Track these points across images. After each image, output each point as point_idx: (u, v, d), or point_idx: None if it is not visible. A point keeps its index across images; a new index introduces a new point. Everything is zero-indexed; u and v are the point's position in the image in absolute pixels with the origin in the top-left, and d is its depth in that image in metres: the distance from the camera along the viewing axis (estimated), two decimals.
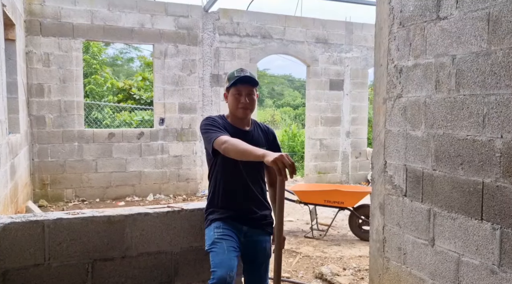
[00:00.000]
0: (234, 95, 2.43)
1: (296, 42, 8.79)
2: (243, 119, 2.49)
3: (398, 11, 2.99)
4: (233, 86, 2.43)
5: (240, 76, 2.43)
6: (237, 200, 2.43)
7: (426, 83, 2.76)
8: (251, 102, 2.45)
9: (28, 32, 6.88)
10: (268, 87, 31.97)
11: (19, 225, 2.25)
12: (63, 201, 7.25)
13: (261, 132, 2.58)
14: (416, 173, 2.85)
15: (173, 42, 7.78)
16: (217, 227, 2.36)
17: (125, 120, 14.04)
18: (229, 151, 2.18)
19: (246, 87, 2.43)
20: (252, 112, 2.51)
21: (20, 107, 5.89)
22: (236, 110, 2.45)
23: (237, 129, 2.46)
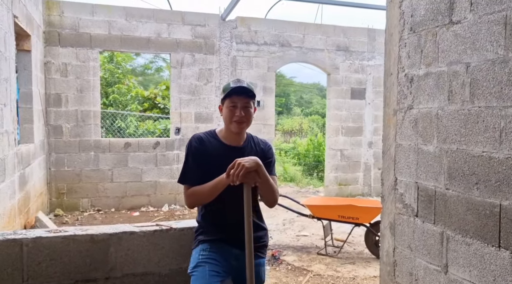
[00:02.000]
0: (229, 108, 2.21)
1: (315, 50, 8.58)
2: (238, 134, 2.29)
3: (409, 16, 2.76)
4: (227, 98, 2.21)
5: (236, 86, 2.22)
6: (228, 221, 2.25)
7: (438, 93, 2.52)
8: (247, 115, 2.23)
9: (47, 42, 6.97)
10: (296, 95, 31.69)
11: None
12: (79, 211, 7.27)
13: (256, 149, 2.38)
14: (428, 192, 2.60)
15: (190, 51, 7.73)
16: (204, 249, 2.19)
17: (148, 128, 14.14)
18: (196, 204, 2.22)
19: (242, 99, 2.21)
20: (248, 126, 2.30)
21: (35, 117, 5.93)
22: (230, 124, 2.23)
23: (228, 147, 2.27)
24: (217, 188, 2.14)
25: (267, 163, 2.37)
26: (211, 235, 2.25)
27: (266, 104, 8.32)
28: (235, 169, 2.02)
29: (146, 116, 15.03)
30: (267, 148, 2.42)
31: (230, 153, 2.22)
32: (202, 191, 2.17)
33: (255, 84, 8.18)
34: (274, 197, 2.30)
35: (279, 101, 27.67)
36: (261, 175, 2.13)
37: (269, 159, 2.38)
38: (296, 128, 22.36)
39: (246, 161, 2.05)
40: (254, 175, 2.07)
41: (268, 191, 2.23)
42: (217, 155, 2.22)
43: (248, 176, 2.04)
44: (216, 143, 2.27)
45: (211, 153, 2.23)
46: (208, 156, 2.22)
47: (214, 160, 2.21)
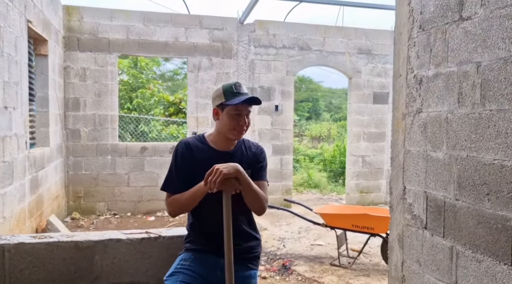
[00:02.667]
0: (232, 115, 2.07)
1: (336, 53, 8.38)
2: (234, 140, 2.18)
3: (418, 13, 2.57)
4: (232, 106, 2.06)
5: (241, 93, 2.08)
6: (215, 231, 2.12)
7: (448, 95, 2.32)
8: (248, 123, 2.12)
9: (66, 47, 7.08)
10: (326, 100, 31.30)
11: None
12: (95, 214, 7.31)
13: (247, 152, 2.25)
14: (437, 202, 2.39)
15: (207, 55, 7.69)
16: (185, 259, 2.08)
17: (172, 133, 14.24)
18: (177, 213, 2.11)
19: (247, 107, 2.09)
20: (245, 133, 2.20)
21: (51, 120, 6.00)
22: (231, 131, 2.10)
23: (216, 152, 2.15)
24: (196, 195, 2.02)
25: (258, 167, 2.23)
26: (197, 245, 2.13)
27: (284, 109, 8.17)
28: (212, 176, 1.89)
29: (169, 120, 15.16)
30: (259, 151, 2.28)
31: (218, 159, 2.10)
32: (182, 199, 2.06)
33: (273, 88, 8.06)
34: (260, 205, 2.15)
35: (307, 106, 27.40)
36: (242, 182, 1.99)
37: (260, 163, 2.24)
38: (325, 134, 22.01)
39: (224, 167, 1.91)
40: (234, 182, 1.93)
41: (251, 199, 2.09)
42: (205, 161, 2.10)
43: (226, 183, 1.91)
44: (204, 148, 2.16)
45: (198, 159, 2.12)
46: (195, 162, 2.11)
47: (201, 166, 2.09)
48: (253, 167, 2.20)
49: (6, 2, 3.89)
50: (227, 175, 1.90)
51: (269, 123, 8.08)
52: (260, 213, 2.20)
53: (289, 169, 8.28)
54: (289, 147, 8.28)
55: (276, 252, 5.36)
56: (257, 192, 2.10)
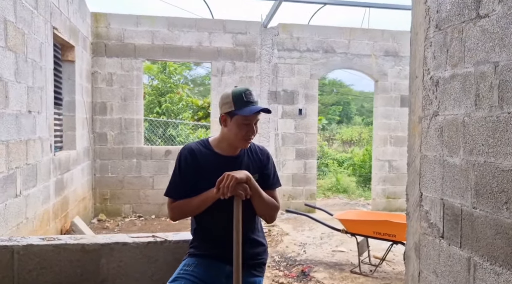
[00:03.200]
0: (241, 125, 2.04)
1: (362, 55, 8.22)
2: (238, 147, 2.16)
3: (434, 12, 2.46)
4: (241, 114, 2.03)
5: (251, 101, 2.05)
6: (220, 237, 2.09)
7: (465, 98, 2.20)
8: (256, 132, 2.12)
9: (94, 53, 7.27)
10: (357, 104, 30.88)
11: None
12: (121, 216, 7.45)
13: (253, 156, 2.21)
14: (454, 210, 2.27)
15: (231, 59, 7.71)
16: (189, 264, 2.05)
17: (199, 136, 14.36)
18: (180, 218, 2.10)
19: (256, 115, 2.07)
20: None
21: (78, 124, 6.16)
22: (239, 141, 2.08)
23: (221, 157, 2.12)
24: (206, 202, 2.02)
25: (266, 174, 2.19)
26: (202, 250, 2.11)
27: (308, 113, 8.07)
28: (224, 181, 1.90)
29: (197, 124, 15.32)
30: (265, 156, 2.24)
31: (223, 164, 2.08)
32: (189, 205, 2.05)
33: (297, 92, 7.98)
34: (270, 213, 2.12)
35: (337, 110, 27.08)
36: (252, 188, 1.98)
37: (267, 169, 2.21)
38: (356, 138, 21.66)
39: (235, 172, 1.94)
40: (246, 187, 1.95)
41: (260, 206, 2.06)
42: (209, 166, 2.08)
43: (239, 187, 1.92)
44: (209, 154, 2.13)
45: (202, 164, 2.10)
46: (199, 167, 2.09)
47: (205, 172, 2.08)
48: (261, 173, 2.16)
49: (30, 10, 4.02)
50: (240, 180, 1.91)
51: (292, 127, 8.01)
52: (269, 221, 2.17)
53: (313, 174, 8.16)
54: (313, 151, 8.17)
55: (296, 257, 5.28)
56: (266, 200, 2.07)
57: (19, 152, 3.72)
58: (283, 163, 8.00)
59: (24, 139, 3.83)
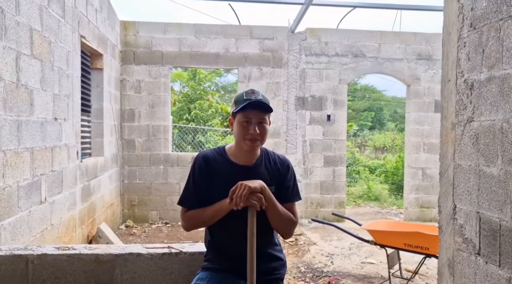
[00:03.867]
0: (241, 123, 1.95)
1: (393, 59, 7.96)
2: (250, 152, 2.03)
3: (469, 10, 2.28)
4: (240, 112, 1.94)
5: (251, 99, 1.94)
6: (235, 250, 1.98)
7: (503, 102, 2.01)
8: (261, 133, 1.95)
9: (123, 61, 7.38)
10: (390, 109, 30.22)
11: (3, 259, 2.13)
12: (148, 223, 7.47)
13: (271, 166, 2.09)
14: (492, 225, 2.07)
15: (257, 65, 7.64)
16: (202, 278, 1.96)
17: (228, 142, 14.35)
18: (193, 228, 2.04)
19: (257, 114, 1.94)
20: (262, 144, 2.02)
21: (106, 131, 6.23)
22: (242, 141, 1.97)
23: (236, 167, 2.02)
24: (219, 213, 1.92)
25: (285, 186, 2.06)
26: (215, 264, 2.01)
27: (337, 118, 7.87)
28: (238, 190, 1.80)
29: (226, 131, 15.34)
30: (285, 166, 2.10)
31: (238, 173, 1.97)
32: (202, 215, 1.96)
33: (325, 97, 7.81)
34: (285, 227, 2.00)
35: (369, 116, 26.57)
36: (267, 199, 1.87)
37: (287, 182, 2.08)
38: (389, 144, 21.14)
39: (249, 181, 1.83)
40: (260, 197, 1.83)
41: (275, 219, 1.95)
42: (223, 175, 1.99)
43: (252, 197, 1.81)
44: (224, 162, 2.03)
45: (217, 173, 2.00)
46: (214, 176, 2.00)
47: (219, 181, 1.98)
48: (279, 184, 2.04)
49: (57, 19, 4.08)
50: (253, 190, 1.81)
51: (320, 133, 7.83)
52: (286, 236, 2.06)
53: (342, 181, 7.94)
54: (342, 158, 7.95)
55: (323, 268, 5.10)
56: (282, 213, 1.95)
57: (44, 159, 3.75)
58: (311, 171, 7.83)
59: (49, 146, 3.86)
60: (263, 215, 1.94)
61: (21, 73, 3.27)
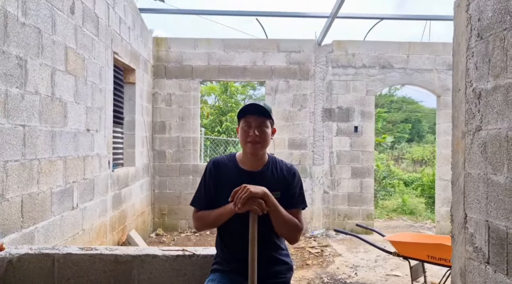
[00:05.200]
0: (243, 128, 2.12)
1: (422, 70, 7.88)
2: (254, 155, 2.14)
3: (476, 20, 2.32)
4: (242, 118, 2.14)
5: (249, 105, 2.14)
6: (242, 252, 2.08)
7: (508, 110, 2.03)
8: (261, 135, 2.09)
9: (155, 75, 7.70)
10: (430, 121, 29.46)
11: (32, 257, 2.31)
12: (177, 231, 7.67)
13: (277, 173, 2.19)
14: (500, 234, 2.07)
15: (284, 77, 7.76)
16: (212, 279, 2.06)
17: None
18: (202, 229, 2.19)
19: (257, 119, 2.10)
20: (264, 147, 2.14)
21: (138, 142, 6.51)
22: (244, 145, 2.12)
23: (244, 172, 2.14)
24: (223, 216, 2.03)
25: (290, 193, 2.15)
26: (223, 266, 2.11)
27: (364, 130, 7.84)
28: (240, 192, 1.90)
29: None
30: (291, 174, 2.19)
31: (244, 178, 2.09)
32: (208, 217, 2.09)
33: (352, 109, 7.81)
34: (290, 232, 2.08)
35: (406, 127, 26.04)
36: (270, 204, 1.96)
37: (292, 189, 2.17)
38: (428, 157, 20.61)
39: (252, 186, 1.93)
40: (261, 202, 1.92)
41: (279, 224, 2.03)
42: (231, 180, 2.11)
43: (252, 202, 1.90)
44: (233, 167, 2.16)
45: (226, 177, 2.13)
46: (221, 180, 2.13)
47: (226, 185, 2.10)
48: (284, 191, 2.13)
49: (91, 37, 4.37)
50: (253, 194, 1.90)
51: (348, 145, 7.82)
52: (292, 242, 2.13)
53: (369, 193, 7.86)
54: (369, 170, 7.89)
55: (346, 280, 5.07)
56: (286, 218, 2.03)
57: (77, 167, 4.00)
58: (338, 182, 7.81)
59: (81, 156, 4.12)
60: (268, 220, 2.04)
61: (56, 87, 3.54)
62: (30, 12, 3.12)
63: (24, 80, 3.04)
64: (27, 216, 3.09)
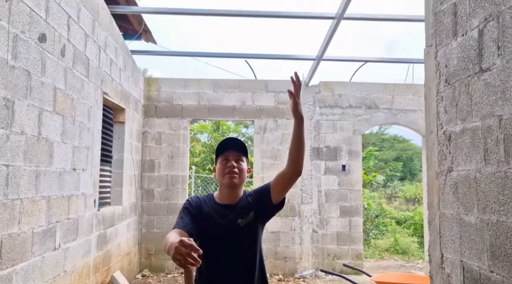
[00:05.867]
0: (221, 163, 2.24)
1: (407, 111, 8.08)
2: (231, 187, 2.22)
3: (444, 67, 2.45)
4: (219, 154, 2.27)
5: (225, 140, 2.31)
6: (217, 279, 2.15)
7: (475, 152, 2.12)
8: (239, 168, 2.21)
9: (145, 114, 7.81)
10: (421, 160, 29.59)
11: None
12: (164, 272, 7.52)
13: (248, 200, 2.27)
14: (473, 274, 2.11)
15: (273, 117, 7.91)
16: None
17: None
18: None
19: (233, 152, 2.24)
20: (241, 179, 2.23)
21: (125, 181, 6.51)
22: (222, 178, 2.22)
23: (220, 205, 2.24)
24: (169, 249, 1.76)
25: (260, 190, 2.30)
26: None
27: (352, 169, 7.92)
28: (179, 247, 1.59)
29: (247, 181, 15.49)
30: (257, 189, 2.32)
31: (221, 211, 2.22)
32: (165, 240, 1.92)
33: (340, 148, 7.92)
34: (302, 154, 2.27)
35: (398, 166, 26.21)
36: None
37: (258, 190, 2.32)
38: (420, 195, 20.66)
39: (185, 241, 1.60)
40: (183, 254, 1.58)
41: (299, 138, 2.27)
42: (208, 212, 2.22)
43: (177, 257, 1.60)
44: (211, 203, 2.28)
45: (203, 210, 2.23)
46: (201, 213, 2.21)
47: (204, 217, 2.18)
48: (257, 205, 2.22)
49: (81, 78, 4.48)
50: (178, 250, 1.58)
51: (336, 183, 7.86)
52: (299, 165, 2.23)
53: (358, 232, 7.83)
54: (358, 209, 7.90)
55: None
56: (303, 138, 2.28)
57: (61, 207, 3.99)
58: (327, 221, 7.79)
59: (66, 195, 4.12)
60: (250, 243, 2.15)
61: (42, 127, 3.60)
62: (20, 55, 3.23)
63: (11, 120, 3.10)
64: (5, 257, 3.05)
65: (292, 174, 2.18)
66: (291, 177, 2.19)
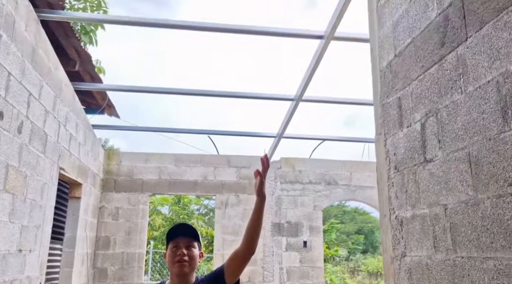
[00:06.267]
0: (171, 249, 2.13)
1: (364, 187, 8.31)
2: (182, 277, 2.12)
3: (392, 154, 2.60)
4: (170, 241, 2.16)
5: (176, 226, 2.23)
6: None
7: (425, 239, 2.19)
8: (189, 256, 2.11)
9: (103, 189, 7.60)
10: None
11: None
12: None
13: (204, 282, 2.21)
14: None
15: (235, 191, 7.90)
16: None
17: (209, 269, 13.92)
18: None
19: (184, 239, 2.14)
20: (191, 267, 2.13)
21: (76, 261, 6.13)
22: (172, 266, 2.11)
23: None
24: None
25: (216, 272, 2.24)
26: None
27: (313, 245, 7.87)
28: None
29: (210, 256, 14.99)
30: (210, 275, 2.25)
31: None
32: None
33: (301, 224, 7.91)
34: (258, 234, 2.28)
35: (360, 238, 26.23)
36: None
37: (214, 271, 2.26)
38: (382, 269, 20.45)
39: None
40: None
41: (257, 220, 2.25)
42: None
43: None
44: None
45: None
46: None
47: None
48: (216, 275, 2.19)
49: (37, 154, 4.38)
50: None
51: (297, 260, 7.74)
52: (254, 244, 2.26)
53: None
54: None
55: None
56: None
57: None
58: None
59: (8, 279, 3.81)
60: None
61: None
62: None
63: None
64: None
65: (246, 253, 2.18)
66: (245, 257, 2.19)
